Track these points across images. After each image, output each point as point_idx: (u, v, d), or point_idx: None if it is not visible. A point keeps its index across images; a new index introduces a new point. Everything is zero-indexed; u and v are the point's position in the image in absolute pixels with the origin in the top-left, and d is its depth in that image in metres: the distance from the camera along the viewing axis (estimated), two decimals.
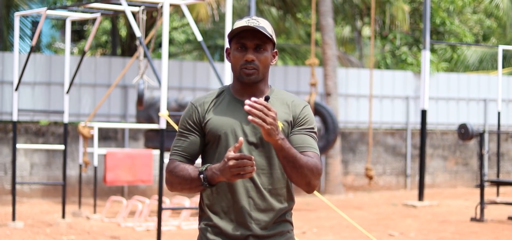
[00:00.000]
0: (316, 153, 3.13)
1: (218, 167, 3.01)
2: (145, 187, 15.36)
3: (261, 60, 3.14)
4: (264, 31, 3.10)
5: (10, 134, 14.68)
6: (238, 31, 3.12)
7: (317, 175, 3.08)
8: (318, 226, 11.46)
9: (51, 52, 27.81)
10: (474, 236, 10.77)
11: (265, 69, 3.16)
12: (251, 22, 3.11)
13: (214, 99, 3.21)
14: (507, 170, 19.41)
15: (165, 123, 8.32)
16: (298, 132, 3.16)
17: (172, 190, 3.22)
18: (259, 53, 3.14)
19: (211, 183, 3.06)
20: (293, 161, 3.02)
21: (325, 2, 16.39)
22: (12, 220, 10.97)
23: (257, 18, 3.14)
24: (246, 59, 3.12)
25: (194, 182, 3.09)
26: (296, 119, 3.17)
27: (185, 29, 25.35)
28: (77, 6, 11.11)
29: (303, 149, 3.12)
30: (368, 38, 26.55)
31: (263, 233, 3.14)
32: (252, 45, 3.13)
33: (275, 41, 3.19)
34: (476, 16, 27.42)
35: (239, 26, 3.11)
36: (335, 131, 14.04)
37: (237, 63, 3.14)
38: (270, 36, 3.12)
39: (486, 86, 19.49)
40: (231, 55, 3.17)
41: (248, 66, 3.13)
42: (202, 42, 9.48)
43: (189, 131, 3.19)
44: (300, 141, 3.14)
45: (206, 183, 3.05)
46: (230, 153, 2.93)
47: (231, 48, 3.17)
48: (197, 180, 3.07)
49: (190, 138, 3.19)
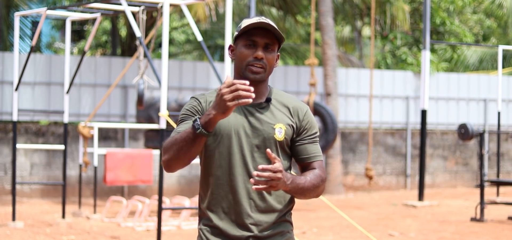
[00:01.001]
0: (321, 161, 3.20)
1: (212, 105, 2.93)
2: (145, 187, 15.36)
3: (269, 60, 3.12)
4: (276, 30, 3.10)
5: (10, 134, 14.68)
6: (251, 27, 3.09)
7: (322, 186, 3.17)
8: (318, 226, 11.46)
9: (51, 52, 27.81)
10: (474, 236, 10.76)
11: (270, 69, 3.15)
12: (263, 20, 3.09)
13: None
14: (507, 170, 19.40)
15: (165, 123, 8.32)
16: (303, 142, 3.18)
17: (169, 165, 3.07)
18: (268, 52, 3.12)
19: (207, 129, 2.96)
20: (301, 192, 3.10)
21: (325, 2, 16.38)
22: (12, 220, 10.96)
23: (267, 19, 3.12)
24: (256, 56, 3.09)
25: (188, 136, 2.97)
26: (299, 127, 3.18)
27: (185, 29, 25.35)
28: (77, 6, 11.10)
29: (309, 159, 3.17)
30: (368, 38, 26.55)
31: (263, 234, 3.13)
32: (263, 43, 3.11)
33: (281, 44, 3.18)
34: (476, 16, 27.43)
35: (251, 22, 3.08)
36: (334, 131, 14.04)
37: (244, 59, 3.11)
38: (280, 37, 3.12)
39: (486, 86, 19.48)
40: (238, 52, 3.14)
41: (256, 64, 3.11)
42: (202, 42, 9.48)
43: (189, 117, 3.13)
44: (305, 152, 3.18)
45: (202, 129, 2.94)
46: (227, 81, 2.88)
47: (238, 44, 3.14)
48: (192, 132, 2.96)
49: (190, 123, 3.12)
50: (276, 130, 3.12)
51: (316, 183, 3.13)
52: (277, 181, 2.94)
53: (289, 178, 3.02)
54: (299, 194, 3.10)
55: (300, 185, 3.07)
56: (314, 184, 3.12)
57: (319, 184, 3.14)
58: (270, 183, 2.94)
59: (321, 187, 3.15)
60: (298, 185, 3.06)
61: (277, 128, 3.12)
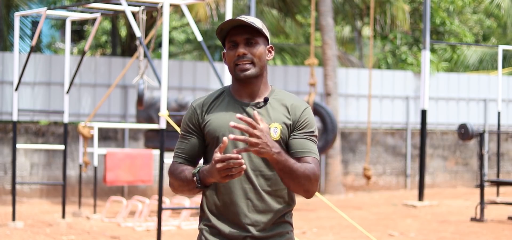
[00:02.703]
0: (315, 158, 3.10)
1: (207, 168, 2.99)
2: (145, 187, 15.36)
3: (255, 54, 3.11)
4: (252, 23, 3.08)
5: (10, 134, 14.68)
6: (227, 29, 3.11)
7: (314, 182, 3.07)
8: (318, 226, 11.46)
9: (51, 52, 27.81)
10: (474, 236, 10.76)
11: (261, 62, 3.13)
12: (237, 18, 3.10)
13: (214, 100, 3.19)
14: (507, 170, 19.41)
15: (165, 123, 8.32)
16: (297, 136, 3.13)
17: (175, 192, 3.23)
18: (251, 47, 3.12)
19: (205, 184, 3.06)
20: (289, 172, 3.00)
21: (325, 2, 16.38)
22: (12, 220, 10.96)
23: (245, 16, 3.13)
24: (237, 53, 3.10)
25: (190, 184, 3.09)
26: (296, 122, 3.14)
27: (185, 29, 25.34)
28: (77, 6, 11.11)
29: (302, 154, 3.10)
30: (368, 38, 26.55)
31: (261, 235, 3.12)
32: (242, 39, 3.11)
33: (266, 35, 3.16)
34: (476, 16, 27.43)
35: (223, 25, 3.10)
36: (334, 131, 14.04)
37: (231, 61, 3.13)
38: (259, 29, 3.10)
39: (486, 86, 19.49)
40: (226, 56, 3.16)
41: (241, 61, 3.10)
42: (202, 42, 9.48)
43: (189, 133, 3.19)
44: (299, 146, 3.11)
45: (200, 185, 3.05)
46: (216, 155, 2.90)
47: (226, 49, 3.17)
48: (192, 182, 3.07)
49: (191, 140, 3.19)
50: (272, 130, 3.10)
51: (308, 173, 3.03)
52: (256, 138, 2.89)
53: (277, 148, 2.95)
54: (287, 176, 3.00)
55: (289, 163, 2.98)
56: (305, 173, 3.02)
57: (310, 176, 3.03)
58: (250, 140, 2.89)
59: (313, 181, 3.05)
60: (287, 161, 2.98)
61: (272, 127, 3.10)
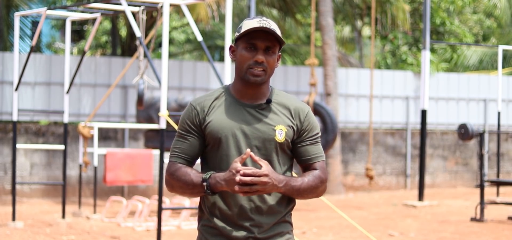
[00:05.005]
0: (322, 161, 3.18)
1: (222, 177, 2.99)
2: (145, 187, 15.36)
3: (269, 63, 3.09)
4: (276, 33, 3.06)
5: (10, 134, 14.68)
6: (251, 30, 3.06)
7: (321, 187, 3.15)
8: (318, 226, 11.46)
9: (51, 52, 27.80)
10: (474, 236, 10.76)
11: (271, 71, 3.12)
12: (263, 23, 3.06)
13: (214, 100, 3.16)
14: (507, 170, 19.40)
15: (165, 123, 8.32)
16: (304, 143, 3.16)
17: (172, 192, 3.21)
18: (268, 55, 3.09)
19: (214, 191, 3.05)
20: (297, 193, 3.10)
21: (325, 2, 16.38)
22: (12, 220, 10.96)
23: (267, 19, 3.09)
24: (256, 59, 3.07)
25: (196, 188, 3.07)
26: (300, 128, 3.16)
27: (185, 29, 25.34)
28: (77, 6, 11.10)
29: (310, 161, 3.16)
30: (368, 38, 26.54)
31: (263, 235, 3.12)
32: (263, 46, 3.08)
33: (282, 45, 3.14)
34: (476, 16, 27.42)
35: (251, 26, 3.05)
36: (334, 131, 14.04)
37: (245, 62, 3.08)
38: (282, 40, 3.09)
39: (486, 86, 19.48)
40: (238, 54, 3.11)
41: (256, 68, 3.08)
42: (202, 42, 9.48)
43: (188, 133, 3.15)
44: (306, 154, 3.16)
45: (209, 191, 3.05)
46: (237, 165, 2.95)
47: (239, 46, 3.11)
48: (200, 187, 3.06)
49: (190, 140, 3.15)
50: (277, 132, 3.10)
51: (315, 184, 3.11)
52: (263, 185, 2.95)
53: (282, 181, 3.01)
54: (295, 196, 3.10)
55: (295, 187, 3.06)
56: (312, 186, 3.10)
57: (318, 185, 3.12)
58: (256, 187, 2.94)
59: (321, 188, 3.14)
60: (293, 187, 3.06)
61: (278, 129, 3.11)
